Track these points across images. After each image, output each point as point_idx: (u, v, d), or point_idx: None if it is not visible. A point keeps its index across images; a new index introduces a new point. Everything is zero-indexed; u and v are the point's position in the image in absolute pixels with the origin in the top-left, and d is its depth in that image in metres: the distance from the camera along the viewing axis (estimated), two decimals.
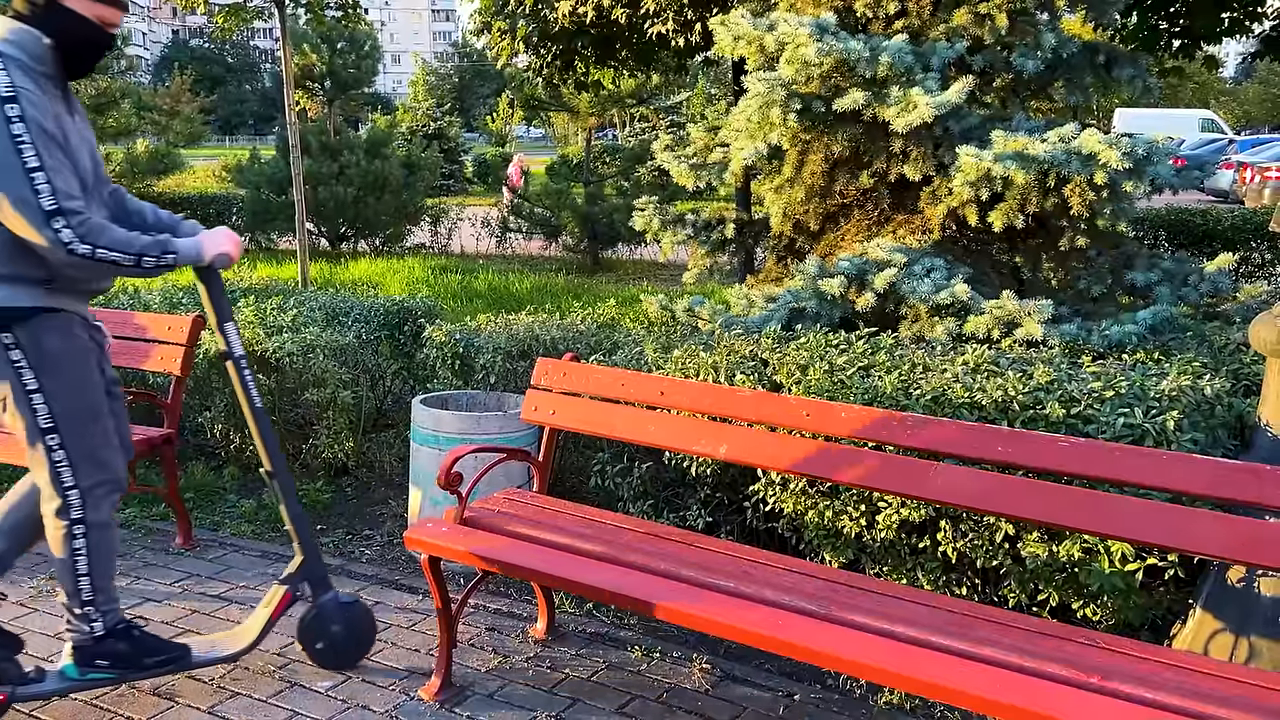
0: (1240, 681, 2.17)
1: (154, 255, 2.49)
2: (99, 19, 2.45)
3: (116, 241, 2.43)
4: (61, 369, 2.54)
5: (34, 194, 2.31)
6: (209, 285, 2.75)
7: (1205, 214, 9.65)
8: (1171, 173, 3.76)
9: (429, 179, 15.23)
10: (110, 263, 2.43)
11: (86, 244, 2.38)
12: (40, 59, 2.41)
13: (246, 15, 8.57)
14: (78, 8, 2.42)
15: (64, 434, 2.56)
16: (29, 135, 2.31)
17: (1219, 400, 3.07)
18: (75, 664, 2.73)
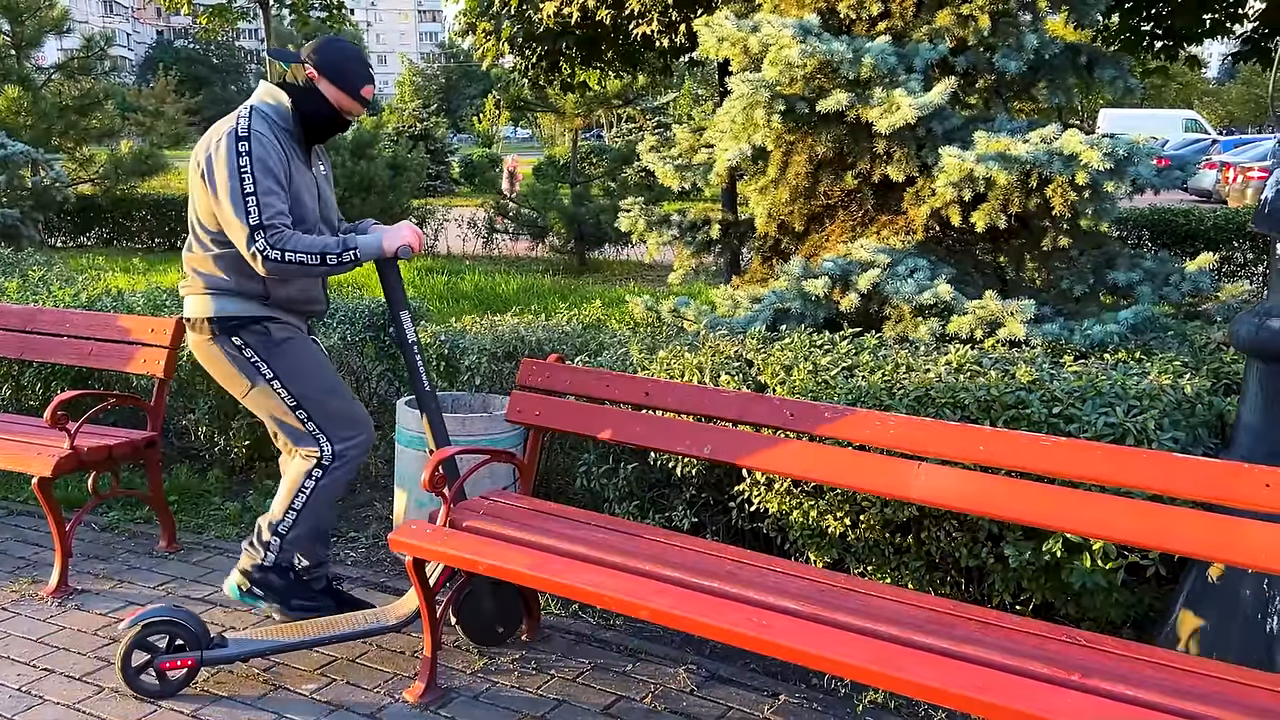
0: (1220, 678, 2.19)
1: (336, 252, 2.91)
2: (340, 106, 3.02)
3: (301, 244, 2.88)
4: (288, 355, 3.06)
5: (245, 213, 2.84)
6: (386, 275, 3.08)
7: (1188, 214, 9.72)
8: (1153, 173, 3.79)
9: (415, 180, 15.17)
10: (298, 264, 2.88)
11: (276, 249, 2.85)
12: (285, 118, 2.99)
13: (231, 16, 8.54)
14: (328, 94, 3.00)
15: (308, 408, 3.08)
16: (251, 167, 2.85)
17: (1199, 399, 3.09)
18: (237, 586, 3.22)
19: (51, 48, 18.23)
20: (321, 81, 2.98)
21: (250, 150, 2.86)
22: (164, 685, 2.91)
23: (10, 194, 12.42)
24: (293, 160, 2.98)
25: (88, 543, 4.09)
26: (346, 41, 3.09)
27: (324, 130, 3.08)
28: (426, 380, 3.10)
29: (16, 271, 6.22)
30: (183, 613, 2.92)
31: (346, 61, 3.00)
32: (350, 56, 3.02)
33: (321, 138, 3.12)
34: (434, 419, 3.09)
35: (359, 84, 3.01)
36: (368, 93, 3.03)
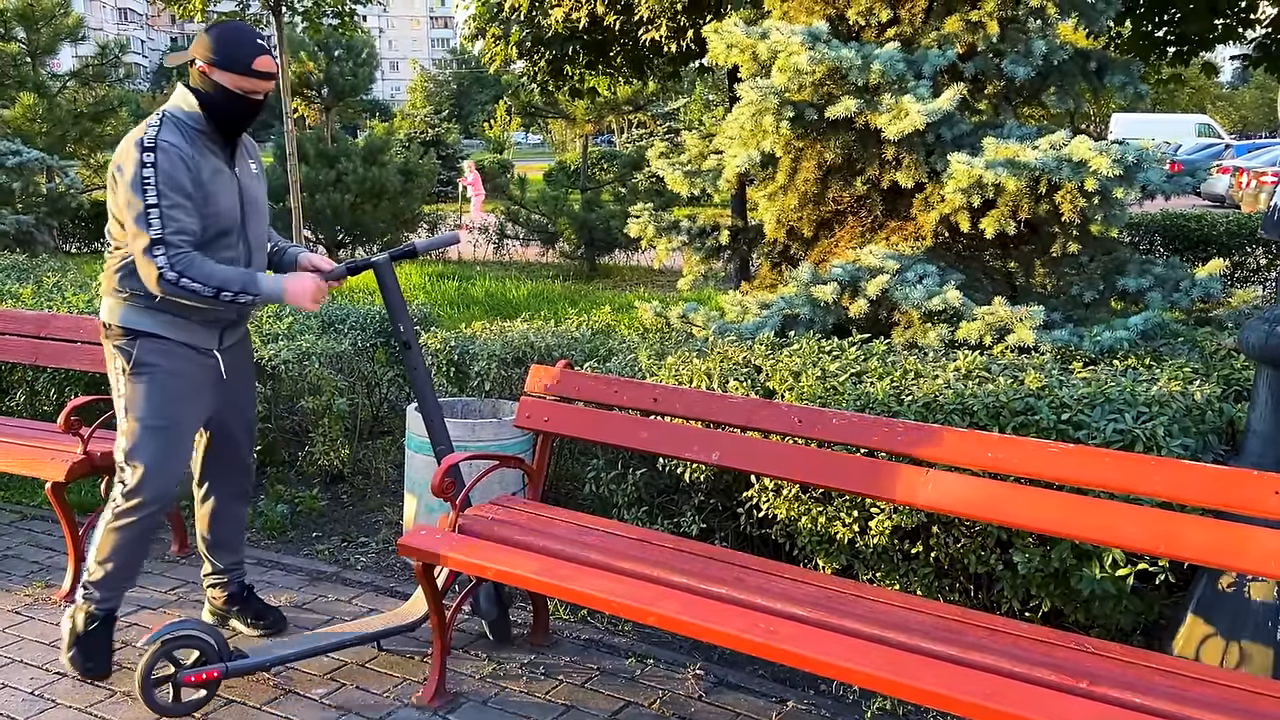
0: (1230, 686, 2.18)
1: (233, 291, 2.84)
2: (240, 89, 2.86)
3: (201, 273, 2.80)
4: (144, 382, 2.94)
5: (147, 224, 2.76)
6: (385, 282, 3.09)
7: (1200, 219, 9.67)
8: (1162, 178, 3.78)
9: (426, 186, 15.24)
10: (192, 292, 2.80)
11: (174, 270, 2.77)
12: (197, 120, 2.88)
13: (245, 22, 8.59)
14: (224, 81, 2.85)
15: (134, 435, 2.95)
16: (155, 179, 2.76)
17: (1209, 406, 3.08)
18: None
19: (66, 55, 18.37)
20: (214, 72, 2.83)
21: (155, 162, 2.77)
22: (181, 705, 2.87)
23: (25, 200, 12.51)
24: (206, 164, 2.88)
25: None
26: (229, 22, 2.94)
27: (238, 121, 2.93)
28: (429, 386, 3.11)
29: (31, 278, 6.27)
30: (203, 625, 2.89)
31: (230, 43, 2.84)
32: (232, 36, 2.86)
33: (239, 128, 2.96)
34: (436, 425, 3.10)
35: (248, 60, 2.83)
36: (262, 64, 2.85)
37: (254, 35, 2.89)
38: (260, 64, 2.85)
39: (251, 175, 3.07)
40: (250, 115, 2.93)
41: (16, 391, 5.20)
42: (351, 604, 3.61)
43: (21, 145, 12.93)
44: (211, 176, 2.89)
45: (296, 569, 3.91)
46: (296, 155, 7.95)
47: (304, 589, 3.73)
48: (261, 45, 2.87)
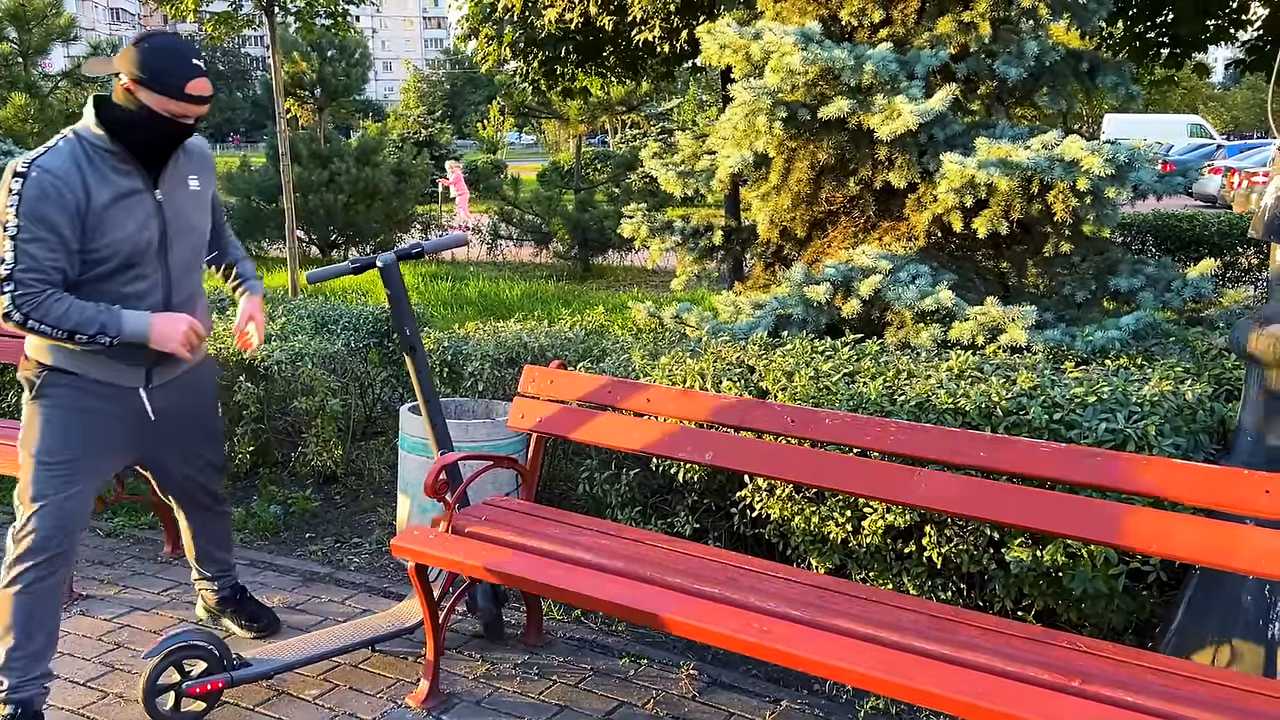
0: (1221, 685, 2.19)
1: (88, 334, 2.62)
2: (169, 112, 2.64)
3: (51, 316, 2.57)
4: (41, 416, 2.74)
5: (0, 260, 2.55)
6: (391, 283, 3.09)
7: (1192, 219, 9.70)
8: (1154, 178, 3.79)
9: (420, 186, 15.23)
10: (39, 334, 2.61)
11: (20, 312, 2.56)
12: (103, 140, 2.65)
13: (236, 23, 8.56)
14: (151, 103, 2.62)
15: (29, 472, 2.72)
16: (18, 209, 2.53)
17: (1200, 405, 3.10)
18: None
19: (58, 55, 18.31)
20: (140, 90, 2.59)
21: (22, 191, 2.52)
22: (180, 715, 2.84)
23: None
24: (107, 190, 2.61)
25: (92, 548, 4.10)
26: (161, 35, 2.65)
27: (161, 145, 2.69)
28: (432, 389, 3.12)
29: None
30: (206, 634, 2.86)
31: (162, 61, 2.59)
32: (164, 53, 2.60)
33: (163, 153, 2.72)
34: (438, 426, 3.10)
35: (181, 82, 2.59)
36: (196, 88, 2.61)
37: (190, 54, 2.65)
38: (194, 87, 2.62)
39: (185, 195, 2.81)
40: (177, 140, 2.71)
41: (8, 393, 5.18)
42: (345, 605, 3.60)
43: (13, 145, 12.88)
44: (112, 203, 2.62)
45: (289, 570, 3.90)
46: (289, 156, 7.93)
47: (297, 590, 3.72)
48: (197, 66, 2.63)
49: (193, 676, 2.82)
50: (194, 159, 2.88)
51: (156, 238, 2.73)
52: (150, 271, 2.74)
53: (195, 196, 2.86)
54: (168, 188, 2.77)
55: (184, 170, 2.84)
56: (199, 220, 2.88)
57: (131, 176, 2.69)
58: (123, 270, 2.68)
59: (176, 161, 2.80)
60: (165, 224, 2.76)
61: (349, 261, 3.08)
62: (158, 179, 2.74)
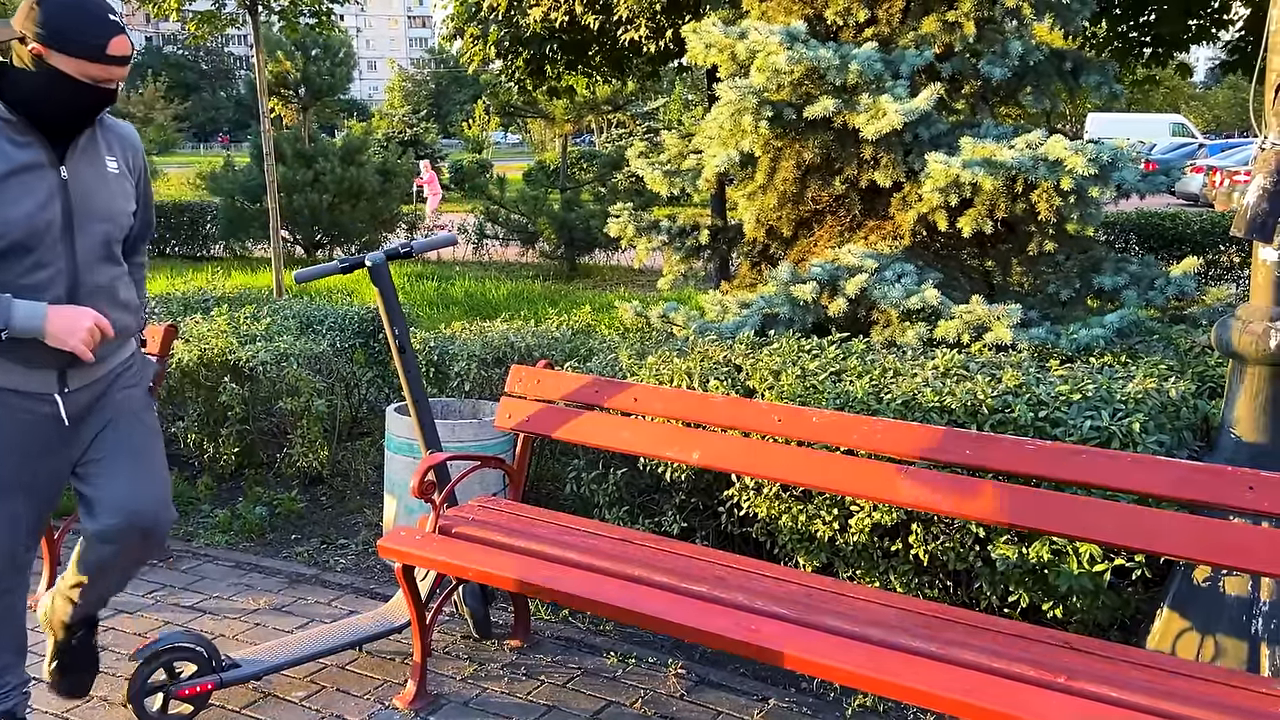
0: (1205, 680, 2.20)
1: None
2: (86, 75, 2.29)
3: None
4: None
5: None
6: (381, 283, 3.08)
7: (1175, 217, 9.77)
8: (1137, 177, 3.82)
9: (404, 186, 15.20)
10: None
11: None
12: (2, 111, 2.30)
13: (220, 22, 8.52)
14: (65, 66, 2.27)
15: None
16: None
17: (1184, 402, 3.12)
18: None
19: None
20: (52, 55, 2.25)
21: None
22: (168, 717, 2.81)
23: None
24: (15, 164, 2.28)
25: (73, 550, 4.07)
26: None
27: (81, 115, 2.35)
28: (422, 390, 3.10)
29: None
30: (195, 636, 2.83)
31: (73, 19, 2.25)
32: (75, 9, 2.26)
33: (80, 121, 2.37)
34: (427, 427, 3.10)
35: (100, 42, 2.26)
36: (117, 47, 2.28)
37: (104, 8, 2.30)
38: (115, 47, 2.27)
39: (99, 176, 2.42)
40: (97, 108, 2.35)
41: None
42: (331, 606, 3.59)
43: None
44: (18, 176, 2.28)
45: (275, 571, 3.89)
46: (274, 155, 7.90)
47: (283, 591, 3.71)
48: (116, 23, 2.29)
49: (182, 678, 2.80)
50: (117, 140, 2.52)
51: (59, 221, 2.34)
52: (51, 259, 2.34)
53: (114, 180, 2.46)
54: (76, 165, 2.39)
55: (100, 149, 2.46)
56: (117, 206, 2.46)
57: (31, 149, 2.32)
58: (17, 256, 2.30)
59: (92, 137, 2.44)
60: (71, 206, 2.36)
61: (337, 261, 3.06)
62: (64, 155, 2.37)
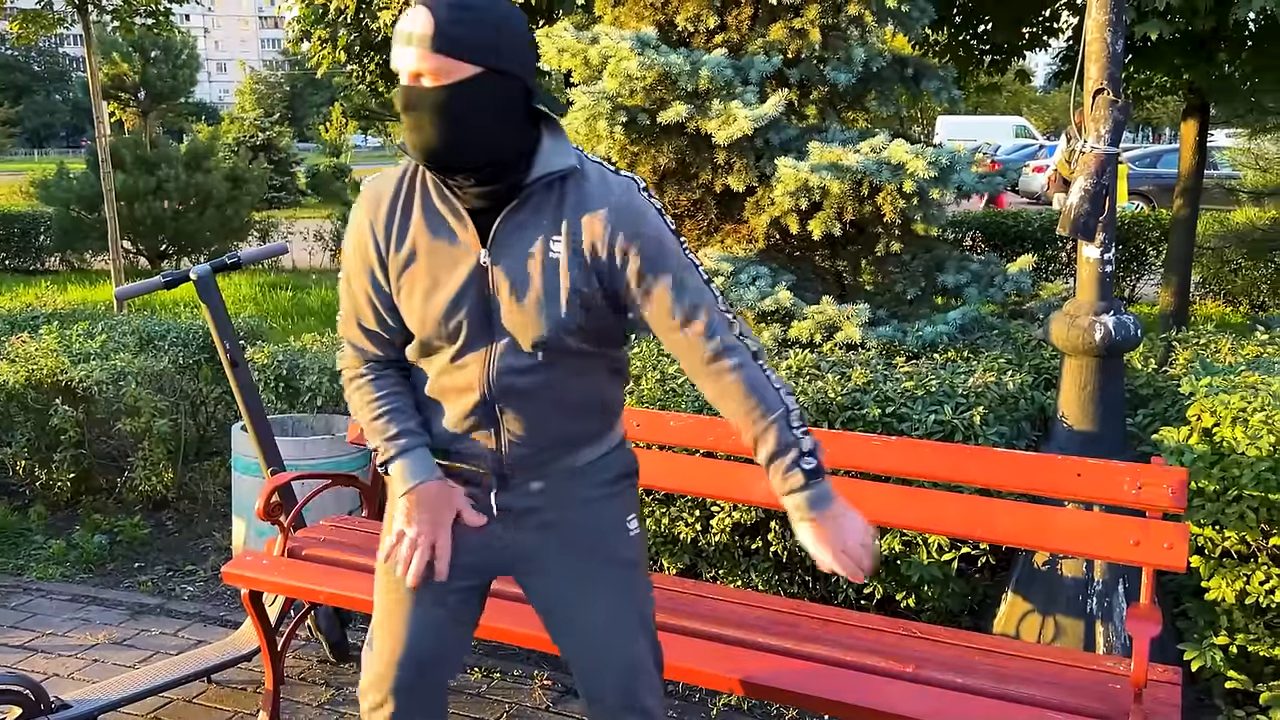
0: (1044, 660, 2.31)
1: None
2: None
3: (353, 405, 1.89)
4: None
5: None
6: (209, 296, 2.94)
7: (1016, 215, 10.28)
8: (975, 179, 3.98)
9: (256, 192, 14.64)
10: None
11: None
12: (398, 176, 1.83)
13: (46, 21, 8.04)
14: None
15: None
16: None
17: (1022, 394, 3.26)
18: None
19: None
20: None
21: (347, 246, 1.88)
22: None
23: None
24: (418, 241, 1.78)
25: None
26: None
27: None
28: (259, 404, 2.98)
29: None
30: (18, 677, 2.64)
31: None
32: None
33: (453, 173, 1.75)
34: (267, 444, 2.97)
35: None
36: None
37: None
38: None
39: (515, 256, 1.74)
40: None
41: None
42: (178, 636, 3.41)
43: None
44: (410, 264, 1.79)
45: (116, 603, 3.67)
46: (111, 162, 7.49)
47: (125, 624, 3.51)
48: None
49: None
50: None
51: (449, 314, 1.77)
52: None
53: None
54: (504, 250, 1.76)
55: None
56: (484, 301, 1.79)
57: (428, 218, 1.79)
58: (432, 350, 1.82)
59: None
60: (461, 302, 1.77)
61: (161, 275, 2.91)
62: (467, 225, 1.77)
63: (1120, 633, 2.87)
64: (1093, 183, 2.88)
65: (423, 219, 1.78)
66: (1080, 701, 2.10)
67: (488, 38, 1.63)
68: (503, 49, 1.65)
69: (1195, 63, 6.36)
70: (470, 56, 1.62)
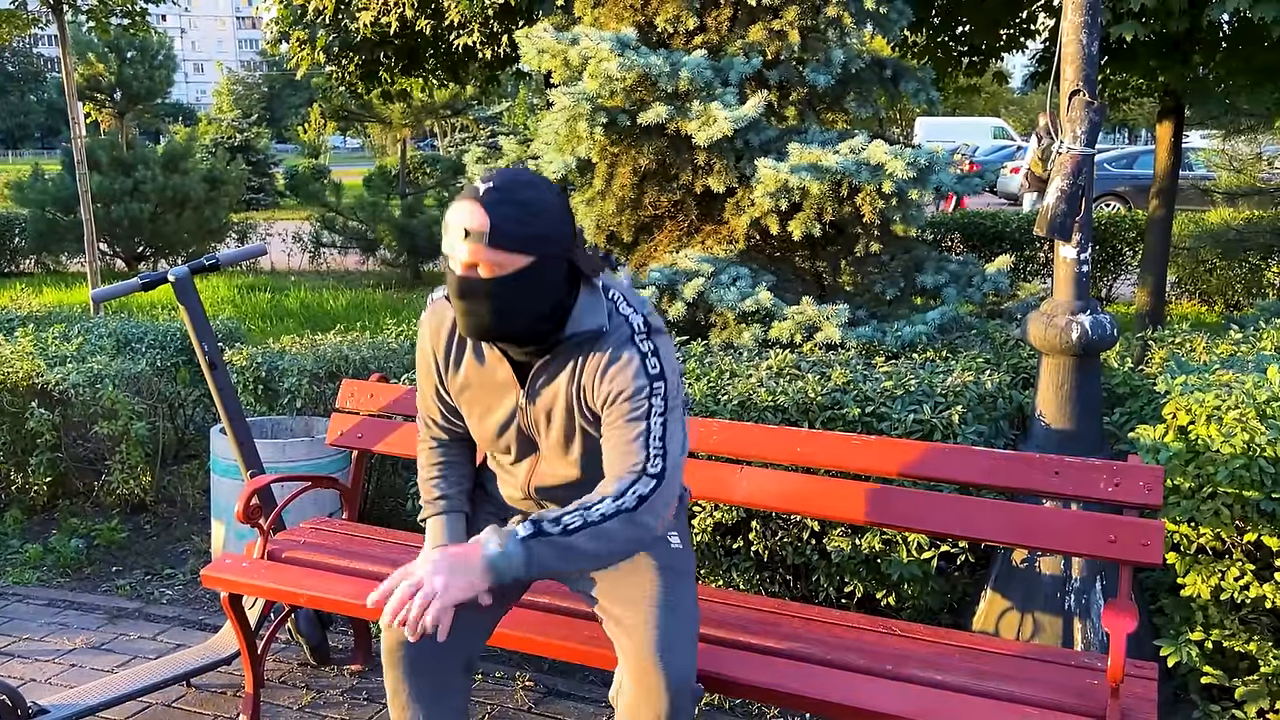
0: (1021, 657, 2.32)
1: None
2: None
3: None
4: None
5: None
6: (187, 297, 2.92)
7: (994, 216, 10.35)
8: (953, 180, 4.01)
9: (235, 194, 14.54)
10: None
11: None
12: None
13: (20, 21, 7.96)
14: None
15: None
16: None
17: (1000, 394, 3.29)
18: None
19: None
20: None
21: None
22: None
23: None
24: (462, 362, 2.12)
25: None
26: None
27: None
28: (237, 406, 2.97)
29: None
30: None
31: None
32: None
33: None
34: (246, 447, 2.96)
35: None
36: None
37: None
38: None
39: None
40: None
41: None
42: (157, 640, 3.39)
43: None
44: (462, 377, 2.12)
45: (94, 607, 3.64)
46: (86, 163, 7.43)
47: (103, 628, 3.48)
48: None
49: None
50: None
51: (502, 429, 2.13)
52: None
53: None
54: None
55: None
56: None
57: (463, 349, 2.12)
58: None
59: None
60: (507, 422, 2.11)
61: (138, 277, 2.89)
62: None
63: (1098, 629, 2.90)
64: (1069, 184, 2.91)
65: (473, 357, 2.07)
66: (1058, 697, 2.12)
67: (538, 231, 1.82)
68: (550, 236, 1.84)
69: (1170, 64, 6.42)
70: (522, 249, 1.81)
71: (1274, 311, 4.56)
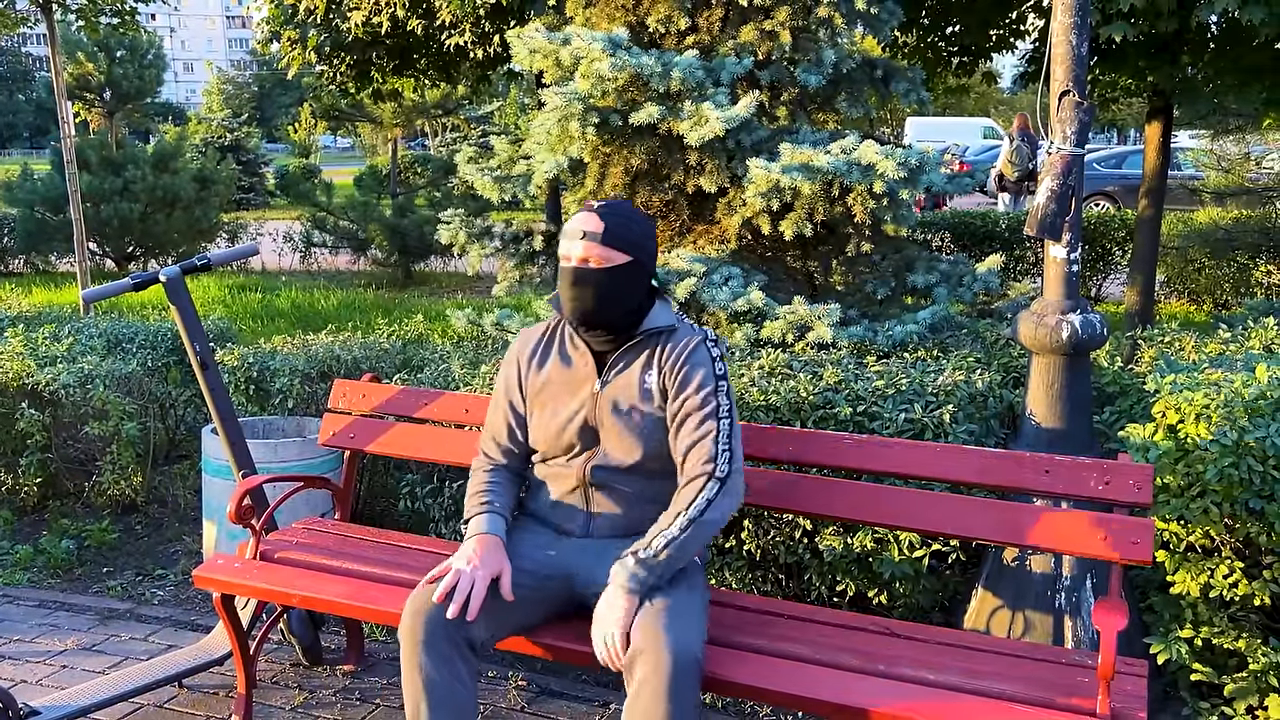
0: (1013, 655, 2.33)
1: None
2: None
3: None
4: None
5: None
6: (178, 298, 2.93)
7: (984, 216, 10.38)
8: (943, 180, 4.02)
9: (225, 194, 14.50)
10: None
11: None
12: (544, 327, 2.59)
13: (8, 20, 7.93)
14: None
15: None
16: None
17: (990, 393, 3.30)
18: None
19: None
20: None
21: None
22: None
23: None
24: (546, 371, 2.53)
25: None
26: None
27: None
28: (229, 407, 2.96)
29: None
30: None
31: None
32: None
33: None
34: (238, 447, 2.95)
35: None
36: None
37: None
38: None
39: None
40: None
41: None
42: (148, 641, 3.38)
43: None
44: (541, 388, 2.53)
45: (85, 608, 3.63)
46: (76, 163, 7.40)
47: (94, 629, 3.47)
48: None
49: None
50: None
51: (562, 431, 2.49)
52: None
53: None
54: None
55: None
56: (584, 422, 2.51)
57: (557, 354, 2.54)
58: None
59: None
60: (574, 421, 2.48)
61: (129, 277, 2.88)
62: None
63: (1088, 627, 2.91)
64: (1059, 183, 2.92)
65: (558, 357, 2.49)
66: (1049, 695, 2.14)
67: (635, 239, 2.38)
68: (643, 245, 2.40)
69: (1159, 65, 6.45)
70: (625, 249, 2.36)
71: (1262, 310, 4.59)
